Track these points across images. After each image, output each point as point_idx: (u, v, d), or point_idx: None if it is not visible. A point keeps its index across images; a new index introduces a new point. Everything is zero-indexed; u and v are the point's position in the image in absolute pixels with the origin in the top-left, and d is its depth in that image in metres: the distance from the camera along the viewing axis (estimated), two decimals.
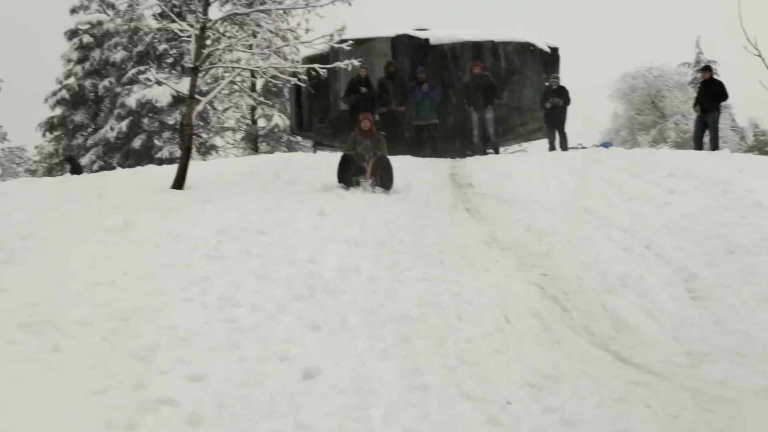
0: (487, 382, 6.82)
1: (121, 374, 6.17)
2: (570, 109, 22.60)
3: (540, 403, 6.37)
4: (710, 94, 20.64)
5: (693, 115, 23.23)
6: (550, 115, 22.37)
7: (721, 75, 35.46)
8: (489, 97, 21.38)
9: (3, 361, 6.34)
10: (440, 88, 21.90)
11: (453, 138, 22.67)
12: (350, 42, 15.13)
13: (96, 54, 46.19)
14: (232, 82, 18.83)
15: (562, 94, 22.30)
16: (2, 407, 5.37)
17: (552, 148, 22.35)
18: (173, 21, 15.26)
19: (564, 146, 22.04)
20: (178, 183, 14.18)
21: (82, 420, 5.27)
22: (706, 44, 70.00)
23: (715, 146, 20.71)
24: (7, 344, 6.73)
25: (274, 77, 15.69)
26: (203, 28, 14.77)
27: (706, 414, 6.14)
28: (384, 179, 14.77)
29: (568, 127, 22.63)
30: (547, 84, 22.99)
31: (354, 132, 15.72)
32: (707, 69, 22.02)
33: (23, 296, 8.00)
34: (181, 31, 15.47)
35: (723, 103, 21.35)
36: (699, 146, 20.78)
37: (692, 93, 39.84)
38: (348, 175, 14.62)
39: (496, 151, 21.83)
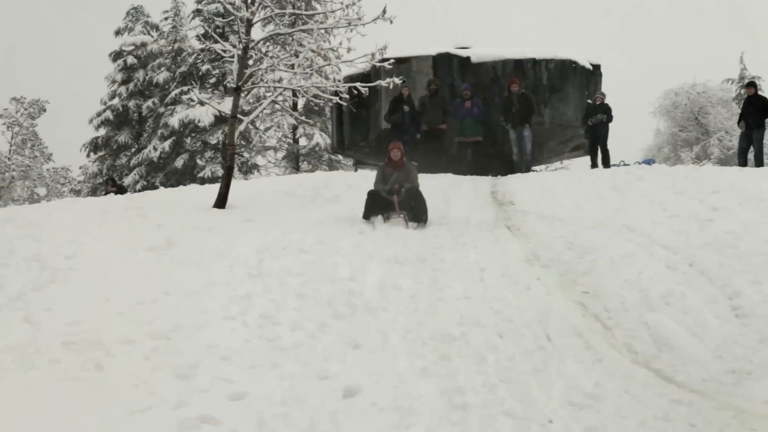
0: (527, 400, 6.78)
1: (162, 392, 6.22)
2: (612, 126, 22.49)
3: (581, 422, 6.32)
4: (755, 110, 20.45)
5: (737, 132, 23.09)
6: (592, 132, 22.27)
7: (766, 91, 35.11)
8: (526, 115, 21.31)
9: (47, 379, 6.42)
10: (485, 105, 21.85)
11: (494, 156, 22.61)
12: (391, 61, 15.19)
13: (140, 75, 46.75)
14: (274, 102, 18.90)
15: (606, 110, 22.20)
16: (46, 426, 5.42)
17: (594, 165, 22.26)
18: (216, 41, 15.41)
19: (606, 163, 21.93)
20: (220, 202, 14.28)
21: None
22: (750, 59, 69.58)
23: (759, 163, 20.53)
24: (51, 362, 6.81)
25: (315, 96, 15.79)
26: (246, 49, 14.90)
27: None
28: (417, 212, 13.44)
29: (610, 144, 22.52)
30: (590, 101, 22.87)
31: (383, 163, 14.30)
32: (751, 85, 21.79)
33: (67, 315, 8.09)
34: (224, 51, 15.61)
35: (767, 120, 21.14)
36: (743, 163, 20.58)
37: (736, 109, 39.63)
38: (375, 211, 13.56)
39: (528, 169, 21.72)
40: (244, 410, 6.10)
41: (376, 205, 13.55)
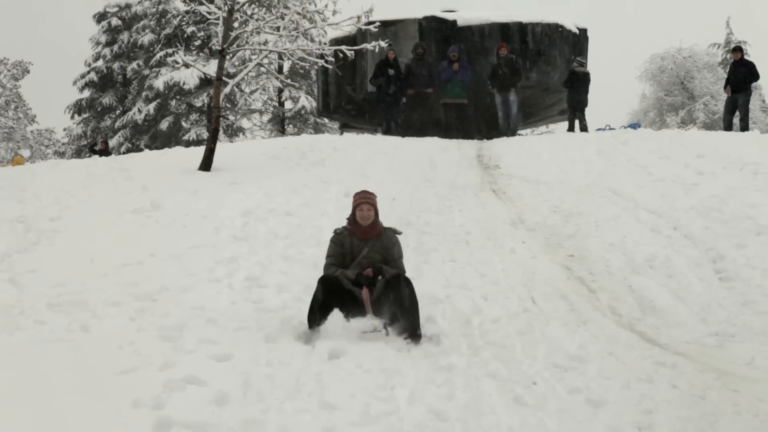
0: (512, 362, 6.82)
1: (148, 354, 6.22)
2: (597, 91, 22.42)
3: (565, 383, 6.36)
4: (740, 74, 20.44)
5: (722, 96, 23.04)
6: (572, 98, 22.17)
7: (752, 55, 35.11)
8: (513, 79, 21.24)
9: (33, 340, 6.42)
10: (471, 69, 21.76)
11: (479, 119, 22.55)
12: (377, 24, 15.10)
13: (124, 37, 46.31)
14: (260, 65, 18.80)
15: (584, 79, 22.03)
16: (32, 385, 5.42)
17: (571, 128, 22.17)
18: (201, 3, 15.22)
19: (583, 127, 21.83)
20: (206, 165, 14.23)
21: (110, 399, 5.31)
22: (737, 24, 69.52)
23: (744, 127, 20.53)
24: (36, 324, 6.81)
25: (301, 59, 15.68)
26: (231, 11, 14.80)
27: (732, 395, 6.12)
28: (406, 321, 7.30)
29: (594, 108, 22.45)
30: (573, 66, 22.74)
31: (343, 229, 7.91)
32: (738, 49, 21.77)
33: (52, 277, 8.09)
34: (209, 13, 15.47)
35: (753, 84, 21.15)
36: (729, 127, 20.61)
37: (722, 74, 39.57)
38: (327, 313, 7.25)
39: (514, 134, 21.66)
40: (230, 371, 6.11)
41: (332, 303, 7.29)
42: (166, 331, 6.77)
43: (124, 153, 33.49)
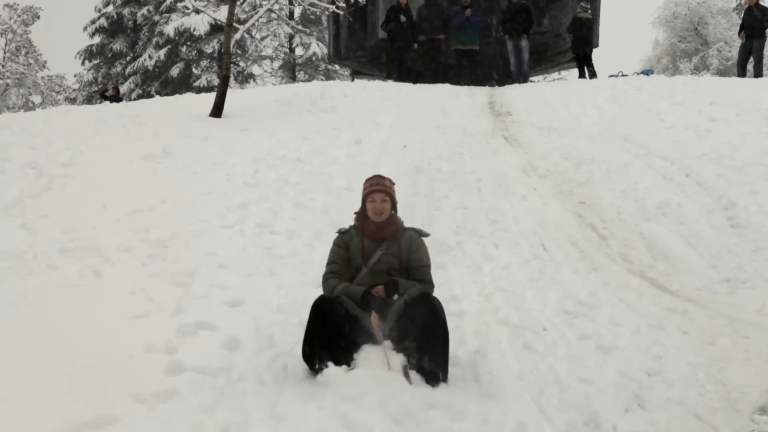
0: (522, 309, 6.84)
1: (160, 299, 6.25)
2: (609, 37, 22.21)
3: (576, 329, 6.39)
4: (755, 20, 20.20)
5: (736, 42, 22.82)
6: (576, 44, 21.92)
7: (766, 1, 34.71)
8: (525, 25, 21.03)
9: (45, 285, 6.45)
10: (483, 15, 21.56)
11: (492, 66, 22.40)
12: None
13: None
14: (270, 10, 18.67)
15: (588, 24, 21.74)
16: (45, 330, 5.45)
17: (582, 75, 21.99)
18: None
19: (592, 74, 21.63)
20: (216, 111, 14.20)
21: (123, 343, 5.34)
22: None
23: (758, 73, 20.38)
24: (49, 269, 6.84)
25: (312, 4, 15.64)
26: None
27: (742, 341, 6.13)
28: (429, 357, 5.26)
29: (606, 54, 22.25)
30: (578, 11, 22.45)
31: (350, 228, 6.04)
32: None
33: (64, 222, 8.10)
34: None
35: None
36: (743, 73, 20.41)
37: (736, 19, 39.14)
38: (331, 347, 5.28)
39: (526, 80, 21.49)
40: (242, 317, 6.14)
41: (332, 335, 5.32)
42: (178, 277, 6.80)
43: (134, 99, 33.42)
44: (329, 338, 5.15)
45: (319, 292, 5.72)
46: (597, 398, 5.14)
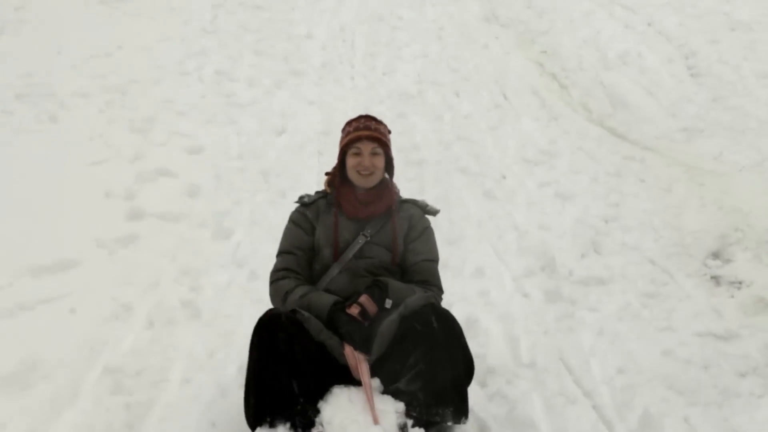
0: (483, 157, 6.87)
1: (119, 146, 6.21)
2: None
3: (535, 177, 6.44)
4: None
5: None
6: None
7: None
8: None
9: (2, 131, 6.36)
10: None
11: None
12: None
13: None
14: None
15: None
16: (3, 175, 5.42)
17: None
18: None
19: None
20: None
21: (82, 189, 5.33)
22: None
23: None
24: (5, 114, 6.74)
25: None
26: None
27: (698, 188, 6.21)
28: (437, 397, 3.10)
29: None
30: None
31: (317, 197, 3.75)
32: None
33: (19, 67, 7.94)
34: None
35: None
36: None
37: None
38: (276, 401, 3.00)
39: None
40: (202, 164, 6.13)
41: (287, 373, 3.05)
42: (137, 124, 6.74)
43: None
44: (280, 380, 3.01)
45: (278, 139, 5.69)
46: (554, 244, 5.22)
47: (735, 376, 3.68)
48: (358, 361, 3.14)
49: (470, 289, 4.57)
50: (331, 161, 6.34)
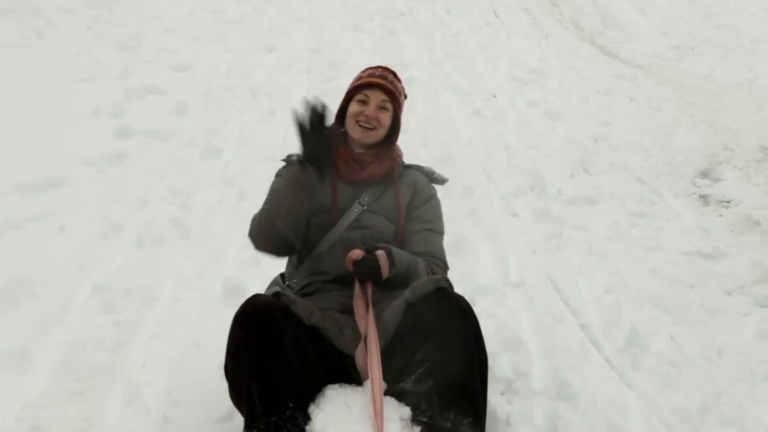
0: (473, 75, 6.83)
1: (106, 62, 6.15)
2: None
3: (525, 96, 6.41)
4: None
5: None
6: None
7: None
8: None
9: None
10: None
11: None
12: None
13: None
14: None
15: None
16: None
17: None
18: None
19: None
20: None
21: (70, 106, 5.29)
22: None
23: None
24: None
25: None
26: None
27: (688, 106, 6.20)
28: (450, 398, 2.47)
29: None
30: None
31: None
32: None
33: None
34: None
35: None
36: None
37: None
38: (263, 404, 2.44)
39: None
40: (190, 82, 6.08)
41: (272, 373, 2.45)
42: (124, 40, 6.67)
43: None
44: (266, 380, 2.44)
45: (267, 57, 5.61)
46: (544, 163, 5.22)
47: (722, 295, 3.70)
48: (361, 358, 2.55)
49: (459, 208, 4.56)
50: (319, 80, 6.37)
